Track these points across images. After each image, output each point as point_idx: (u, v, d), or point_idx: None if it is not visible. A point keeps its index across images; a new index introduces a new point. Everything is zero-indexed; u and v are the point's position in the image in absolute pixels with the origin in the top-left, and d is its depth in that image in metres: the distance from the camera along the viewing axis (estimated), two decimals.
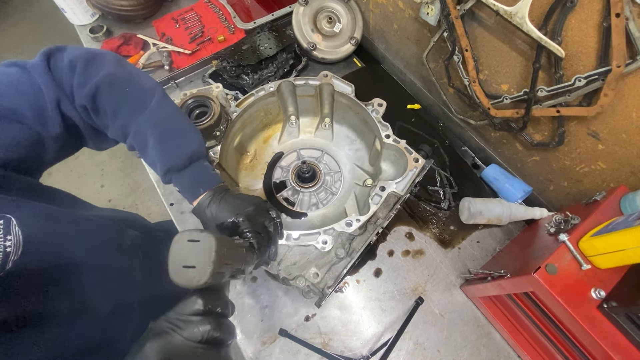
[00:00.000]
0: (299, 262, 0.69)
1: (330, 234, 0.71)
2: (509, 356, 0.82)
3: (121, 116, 0.60)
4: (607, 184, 0.78)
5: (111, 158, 2.46)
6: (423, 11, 0.89)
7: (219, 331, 0.42)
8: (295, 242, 0.70)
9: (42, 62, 0.55)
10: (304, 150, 1.04)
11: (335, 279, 0.69)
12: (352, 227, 0.72)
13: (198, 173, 0.63)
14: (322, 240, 0.70)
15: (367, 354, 0.81)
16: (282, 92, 0.96)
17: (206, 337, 0.41)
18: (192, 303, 0.43)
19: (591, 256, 0.59)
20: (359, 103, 0.89)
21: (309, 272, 0.68)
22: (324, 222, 0.92)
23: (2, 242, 0.41)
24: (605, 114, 0.68)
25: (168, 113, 0.63)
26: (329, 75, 0.94)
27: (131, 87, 0.61)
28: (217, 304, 0.44)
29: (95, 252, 0.56)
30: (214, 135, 0.80)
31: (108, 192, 2.34)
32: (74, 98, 0.57)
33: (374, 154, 0.93)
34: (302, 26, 1.21)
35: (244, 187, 0.96)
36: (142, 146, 0.61)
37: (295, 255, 0.70)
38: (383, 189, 0.77)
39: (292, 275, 0.68)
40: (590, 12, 0.60)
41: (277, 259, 0.69)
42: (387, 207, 0.77)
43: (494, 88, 0.88)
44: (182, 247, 0.42)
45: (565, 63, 0.68)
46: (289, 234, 0.70)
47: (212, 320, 0.42)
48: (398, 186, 0.78)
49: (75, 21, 1.44)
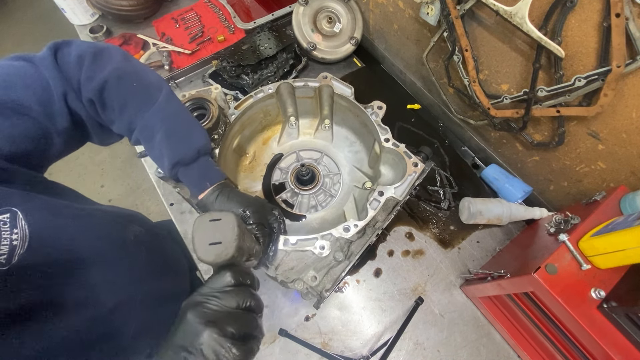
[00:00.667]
0: (297, 267, 0.69)
1: (328, 239, 0.70)
2: (509, 356, 0.82)
3: (129, 110, 0.60)
4: (607, 184, 0.78)
5: (111, 158, 2.46)
6: (423, 11, 0.89)
7: (252, 299, 0.45)
8: (292, 247, 0.69)
9: (49, 55, 0.55)
10: (304, 152, 1.04)
11: (333, 281, 0.69)
12: (350, 232, 0.71)
13: (205, 167, 0.66)
14: (320, 245, 0.69)
15: (367, 354, 0.81)
16: (281, 94, 0.95)
17: (241, 304, 0.44)
18: (223, 277, 0.46)
19: (591, 256, 0.59)
20: (359, 106, 0.89)
21: (307, 276, 0.68)
22: (323, 225, 0.92)
23: (9, 235, 0.41)
24: (605, 114, 0.68)
25: (175, 108, 0.65)
26: (328, 77, 0.93)
27: (139, 82, 0.62)
28: (246, 277, 0.47)
29: (100, 246, 0.56)
30: (212, 139, 0.79)
31: (108, 191, 2.34)
32: (81, 92, 0.57)
33: (373, 157, 0.93)
34: (302, 26, 1.21)
35: (242, 189, 0.95)
36: (149, 140, 0.62)
37: (292, 260, 0.69)
38: (381, 193, 0.76)
39: (290, 278, 0.68)
40: (590, 12, 0.60)
41: (275, 263, 0.68)
42: (386, 210, 0.76)
43: (494, 88, 0.88)
44: (205, 227, 0.46)
45: (565, 63, 0.68)
46: (287, 238, 0.69)
47: (244, 289, 0.46)
48: (397, 191, 0.77)
49: (75, 21, 1.44)
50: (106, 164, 2.45)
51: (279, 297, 0.88)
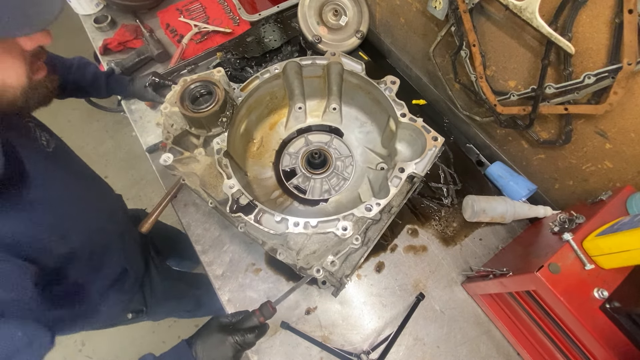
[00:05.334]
0: (319, 251, 0.68)
1: (350, 220, 0.68)
2: (509, 354, 0.82)
3: None
4: (613, 183, 0.77)
5: (115, 149, 2.47)
6: (430, 4, 0.88)
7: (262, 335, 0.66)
8: (313, 229, 0.67)
9: None
10: (313, 135, 1.01)
11: (352, 267, 0.68)
12: (373, 211, 0.68)
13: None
14: (342, 226, 0.67)
15: (368, 348, 0.81)
16: (287, 74, 0.92)
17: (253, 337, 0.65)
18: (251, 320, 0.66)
19: (595, 256, 0.59)
20: (371, 81, 0.85)
21: (326, 261, 0.67)
22: (338, 208, 0.90)
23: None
24: (614, 112, 0.67)
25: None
26: (337, 54, 0.88)
27: None
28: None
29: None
30: (220, 122, 0.78)
31: (111, 182, 2.31)
32: None
33: (388, 135, 0.89)
34: (308, 18, 1.19)
35: (252, 177, 0.94)
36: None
37: (314, 243, 0.68)
38: (402, 170, 0.72)
39: (310, 264, 0.67)
40: (602, 8, 0.58)
41: (296, 247, 0.67)
42: (401, 195, 0.74)
43: (501, 84, 0.87)
44: None
45: (575, 60, 0.67)
46: (307, 221, 0.67)
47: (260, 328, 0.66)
48: (418, 167, 0.73)
49: (80, 11, 1.44)
50: (110, 155, 2.46)
51: (280, 291, 0.89)
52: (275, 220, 0.69)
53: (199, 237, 0.97)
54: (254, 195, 0.86)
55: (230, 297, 0.89)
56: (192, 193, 0.86)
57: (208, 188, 0.74)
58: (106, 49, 1.32)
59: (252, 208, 0.70)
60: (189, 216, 1.00)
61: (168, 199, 0.97)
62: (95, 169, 0.93)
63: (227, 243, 0.96)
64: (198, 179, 0.75)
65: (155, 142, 1.13)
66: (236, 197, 0.71)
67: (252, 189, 0.89)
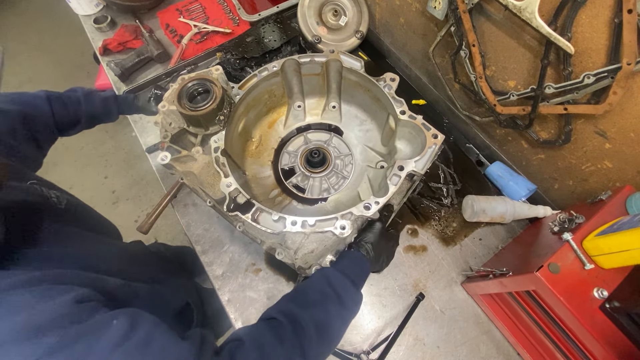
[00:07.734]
0: (317, 250, 0.67)
1: (348, 219, 0.67)
2: (509, 353, 0.82)
3: None
4: (613, 183, 0.77)
5: (115, 149, 2.47)
6: (430, 5, 0.88)
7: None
8: (311, 228, 0.66)
9: None
10: (312, 134, 1.01)
11: None
12: (371, 210, 0.68)
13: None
14: (340, 225, 0.66)
15: (368, 348, 0.81)
16: (286, 72, 0.91)
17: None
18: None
19: (595, 256, 0.59)
20: (370, 79, 0.84)
21: (325, 260, 0.66)
22: (338, 207, 0.89)
23: None
24: (614, 112, 0.67)
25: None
26: (336, 51, 0.88)
27: None
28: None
29: None
30: (217, 120, 0.78)
31: (112, 183, 2.35)
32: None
33: (388, 133, 0.88)
34: (307, 19, 1.19)
35: (251, 175, 0.94)
36: None
37: (312, 242, 0.68)
38: (401, 168, 0.72)
39: (309, 263, 0.66)
40: (601, 8, 0.58)
41: (294, 247, 0.67)
42: (400, 193, 0.74)
43: (501, 84, 0.87)
44: None
45: (574, 60, 0.67)
46: (305, 220, 0.67)
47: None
48: (417, 165, 0.73)
49: (80, 11, 1.44)
50: (110, 155, 2.46)
51: (280, 291, 0.89)
52: (273, 219, 0.68)
53: (198, 238, 0.97)
54: (253, 194, 0.86)
55: (230, 298, 0.89)
56: (192, 194, 0.86)
57: (206, 187, 0.74)
58: (106, 49, 1.32)
59: (250, 207, 0.70)
60: (188, 216, 1.00)
61: (168, 199, 0.97)
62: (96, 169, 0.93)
63: (227, 243, 0.96)
64: (196, 177, 0.74)
65: (155, 143, 1.12)
66: (233, 196, 0.70)
67: (250, 187, 0.89)
